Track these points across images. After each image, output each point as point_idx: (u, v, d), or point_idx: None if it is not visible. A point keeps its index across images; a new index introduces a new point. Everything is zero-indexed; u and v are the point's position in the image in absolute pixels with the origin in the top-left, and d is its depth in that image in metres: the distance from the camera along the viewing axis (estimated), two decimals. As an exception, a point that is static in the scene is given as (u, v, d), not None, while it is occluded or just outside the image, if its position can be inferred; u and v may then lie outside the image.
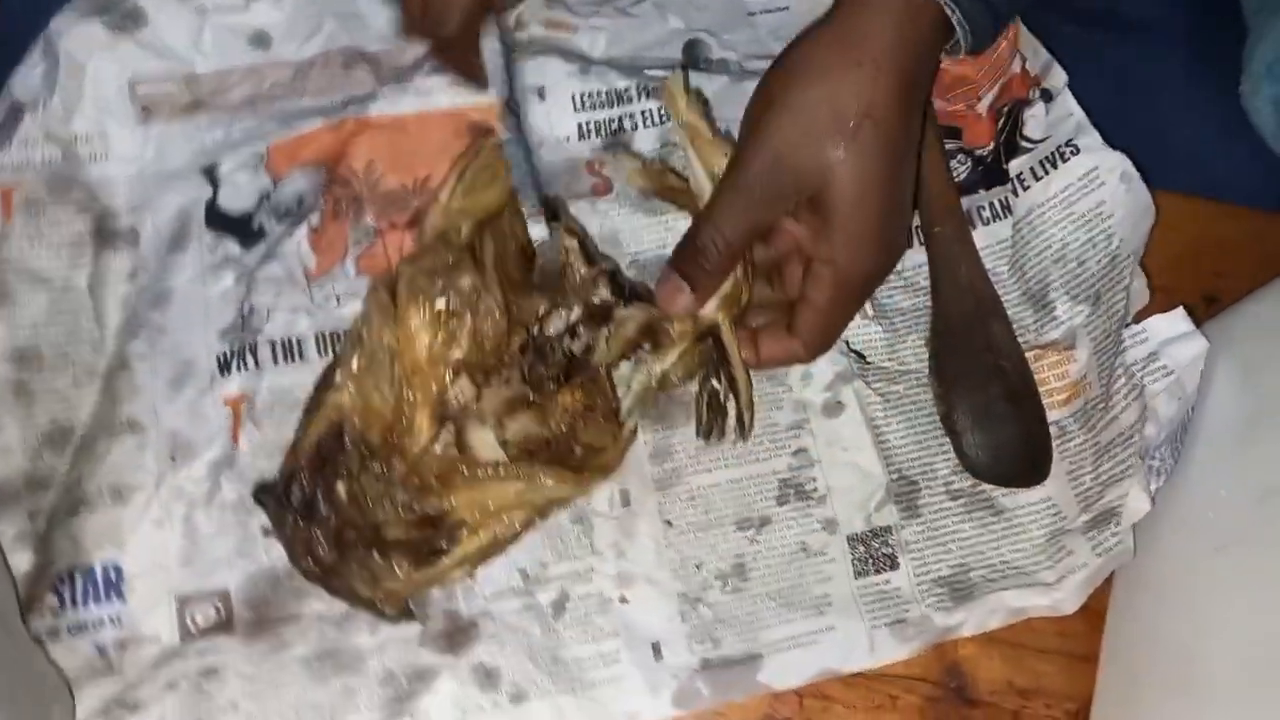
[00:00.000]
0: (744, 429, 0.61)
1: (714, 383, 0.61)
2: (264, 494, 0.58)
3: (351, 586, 0.57)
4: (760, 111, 0.56)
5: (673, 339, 0.60)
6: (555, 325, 0.59)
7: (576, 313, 0.59)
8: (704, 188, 0.60)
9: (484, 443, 0.57)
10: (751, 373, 0.62)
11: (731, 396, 0.61)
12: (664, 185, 0.65)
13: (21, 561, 0.58)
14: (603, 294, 0.59)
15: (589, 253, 0.61)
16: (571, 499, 0.60)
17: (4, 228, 0.63)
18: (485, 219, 0.61)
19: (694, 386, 0.62)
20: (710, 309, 0.59)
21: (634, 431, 0.62)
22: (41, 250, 0.63)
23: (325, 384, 0.58)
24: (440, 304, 0.57)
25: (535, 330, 0.59)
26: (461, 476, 0.57)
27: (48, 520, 0.59)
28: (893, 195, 0.56)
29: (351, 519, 0.56)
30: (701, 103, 0.66)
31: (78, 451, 0.60)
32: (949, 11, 0.55)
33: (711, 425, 0.62)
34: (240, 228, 0.65)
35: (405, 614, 0.58)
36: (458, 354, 0.57)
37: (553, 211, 0.64)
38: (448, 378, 0.57)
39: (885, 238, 0.57)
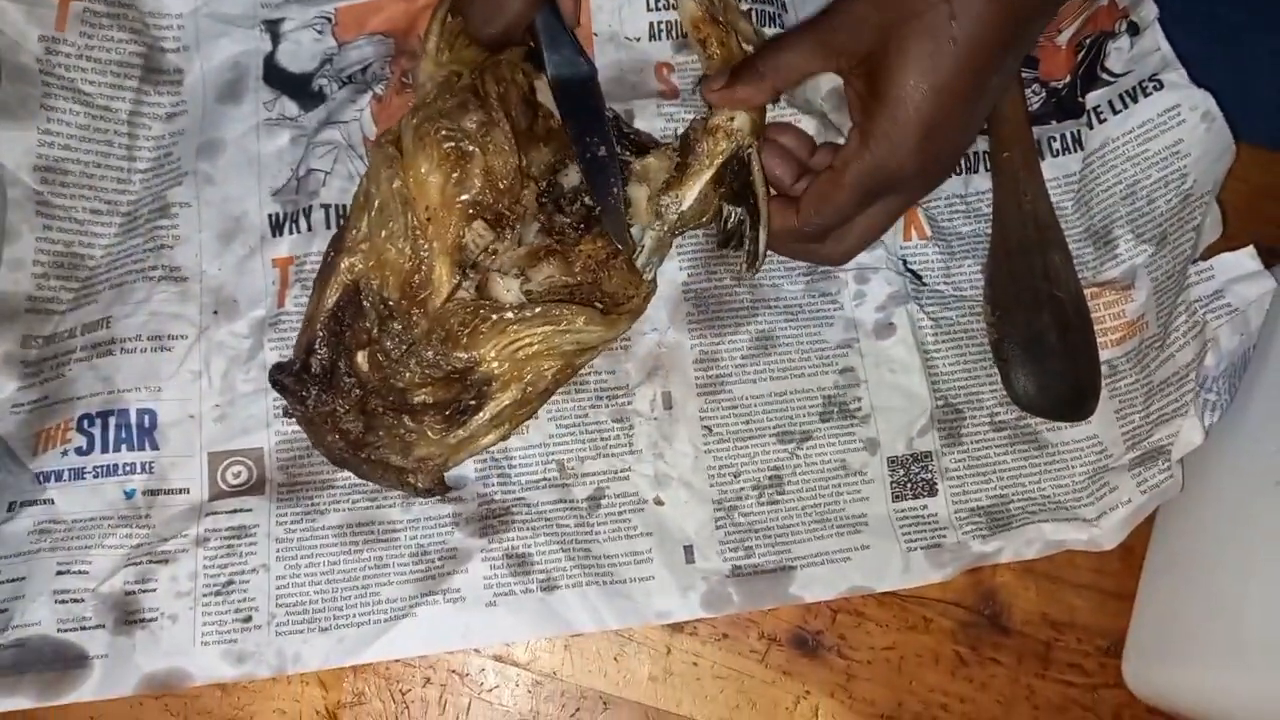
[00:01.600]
0: (756, 258, 0.59)
1: (735, 210, 0.59)
2: (279, 373, 0.56)
3: (383, 459, 0.55)
4: None
5: (702, 160, 0.58)
6: (574, 175, 0.58)
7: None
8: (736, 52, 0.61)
9: (508, 290, 0.56)
10: (802, 285, 0.61)
11: (750, 221, 0.59)
12: (710, 18, 0.62)
13: (7, 385, 0.57)
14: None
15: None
16: (600, 345, 0.58)
17: (56, 35, 0.61)
18: (484, 62, 0.58)
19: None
20: (744, 122, 0.58)
21: (654, 281, 0.60)
22: (88, 67, 0.61)
23: (336, 249, 0.56)
24: (449, 145, 0.54)
25: (550, 181, 0.57)
26: (488, 323, 0.54)
27: (55, 355, 0.58)
28: (954, 117, 0.53)
29: (376, 386, 0.55)
30: None
31: (86, 285, 0.59)
32: None
33: (729, 240, 0.60)
34: (299, 88, 0.63)
35: (439, 486, 0.57)
36: (472, 193, 0.55)
37: (541, 62, 0.60)
38: (462, 221, 0.55)
39: (927, 150, 0.54)
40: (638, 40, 0.66)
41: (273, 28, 0.64)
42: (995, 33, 0.52)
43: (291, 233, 0.60)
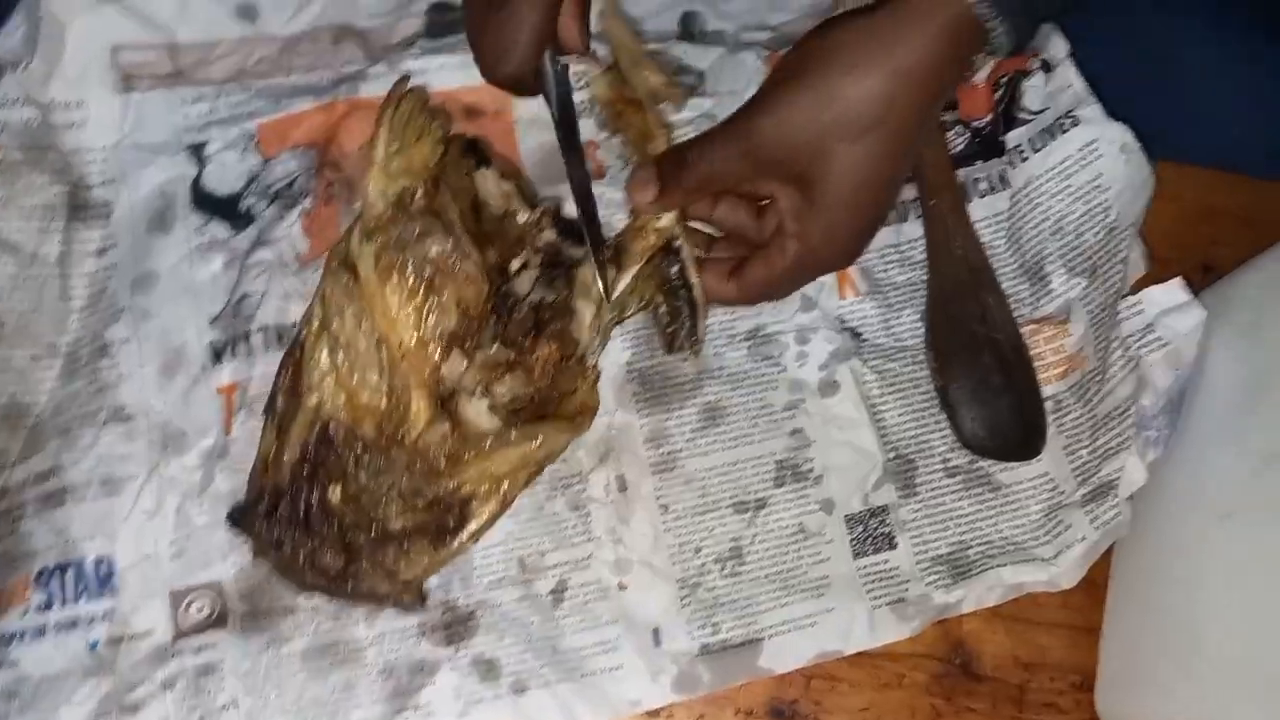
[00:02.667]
0: (697, 340, 0.61)
1: (671, 300, 0.60)
2: (243, 516, 0.55)
3: (368, 587, 0.56)
4: (784, 77, 0.55)
5: (634, 255, 0.59)
6: (525, 282, 0.58)
7: (535, 264, 0.59)
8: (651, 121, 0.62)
9: (480, 414, 0.56)
10: (744, 351, 0.62)
11: (688, 309, 0.60)
12: (623, 98, 0.64)
13: None
14: (548, 235, 0.59)
15: (527, 195, 0.61)
16: (566, 446, 0.59)
17: None
18: (437, 176, 0.57)
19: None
20: (671, 220, 0.59)
21: (597, 368, 0.60)
22: (12, 215, 0.61)
23: (294, 385, 0.55)
24: (418, 280, 0.54)
25: (502, 288, 0.57)
26: (469, 452, 0.55)
27: (9, 510, 0.58)
28: (881, 198, 0.56)
29: (355, 520, 0.55)
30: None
31: (32, 434, 0.59)
32: (993, 29, 0.52)
33: (672, 338, 0.61)
34: (227, 210, 0.63)
35: (422, 598, 0.57)
36: (446, 327, 0.55)
37: (481, 156, 0.61)
38: (438, 355, 0.55)
39: (861, 236, 0.57)
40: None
41: (197, 151, 0.64)
42: (924, 111, 0.54)
43: (232, 358, 0.60)
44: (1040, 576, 0.62)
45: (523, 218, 0.60)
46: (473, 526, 0.56)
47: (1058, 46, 0.66)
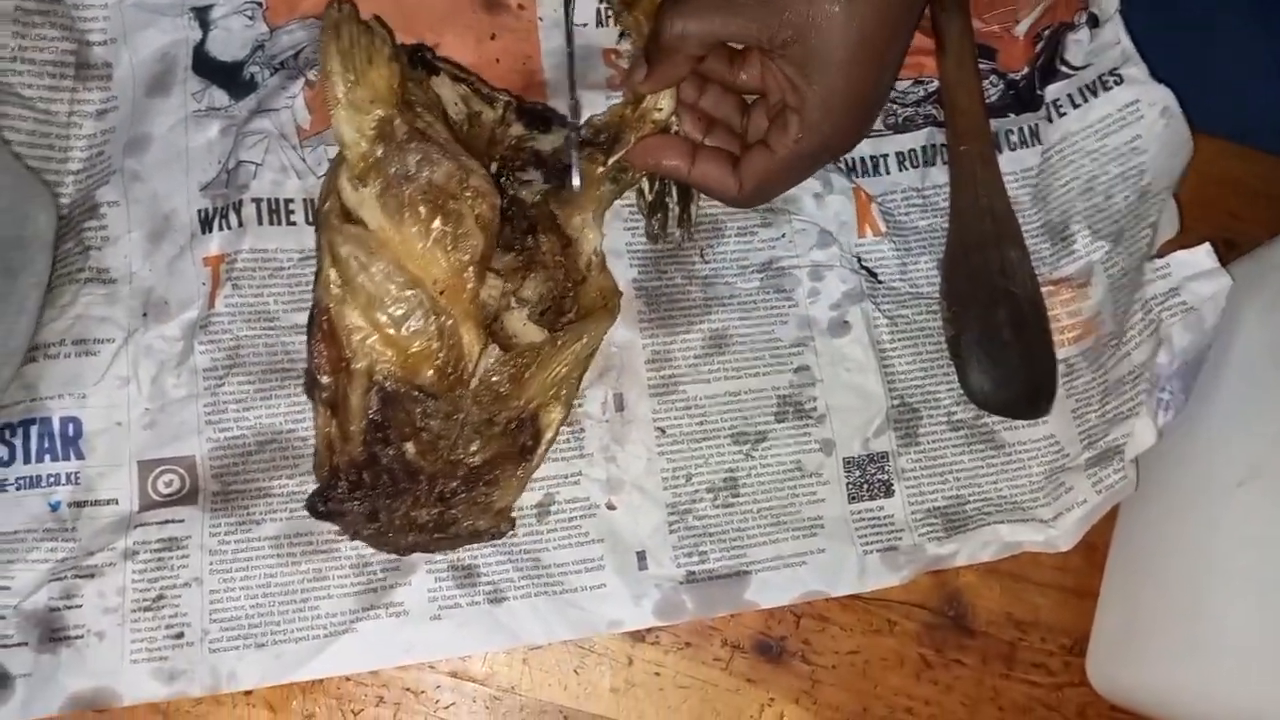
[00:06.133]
0: (687, 221, 0.61)
1: (658, 182, 0.61)
2: (326, 503, 0.52)
3: (469, 527, 0.54)
4: None
5: (627, 144, 0.58)
6: (530, 189, 0.58)
7: (513, 161, 0.58)
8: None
9: (523, 326, 0.55)
10: (756, 282, 0.61)
11: (675, 194, 0.60)
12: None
13: None
14: (516, 130, 0.59)
15: (483, 92, 0.59)
16: (604, 334, 0.58)
17: None
18: (405, 99, 0.54)
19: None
20: (665, 104, 0.58)
21: (600, 253, 0.59)
22: (25, 70, 0.58)
23: (334, 362, 0.52)
24: (435, 211, 0.51)
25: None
26: (531, 368, 0.53)
27: None
28: (881, 66, 0.54)
29: (439, 469, 0.53)
30: None
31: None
32: None
33: (656, 225, 0.61)
34: (229, 77, 0.60)
35: (512, 522, 0.56)
36: (475, 251, 0.52)
37: (428, 64, 0.58)
38: (474, 280, 0.52)
39: (861, 109, 0.56)
40: (584, 26, 0.64)
41: (202, 15, 0.60)
42: None
43: (221, 229, 0.57)
44: (1037, 537, 0.60)
45: (487, 116, 0.58)
46: (549, 436, 0.55)
47: (1108, 1, 0.65)
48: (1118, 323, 0.61)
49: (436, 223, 0.51)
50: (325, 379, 0.52)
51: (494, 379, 0.53)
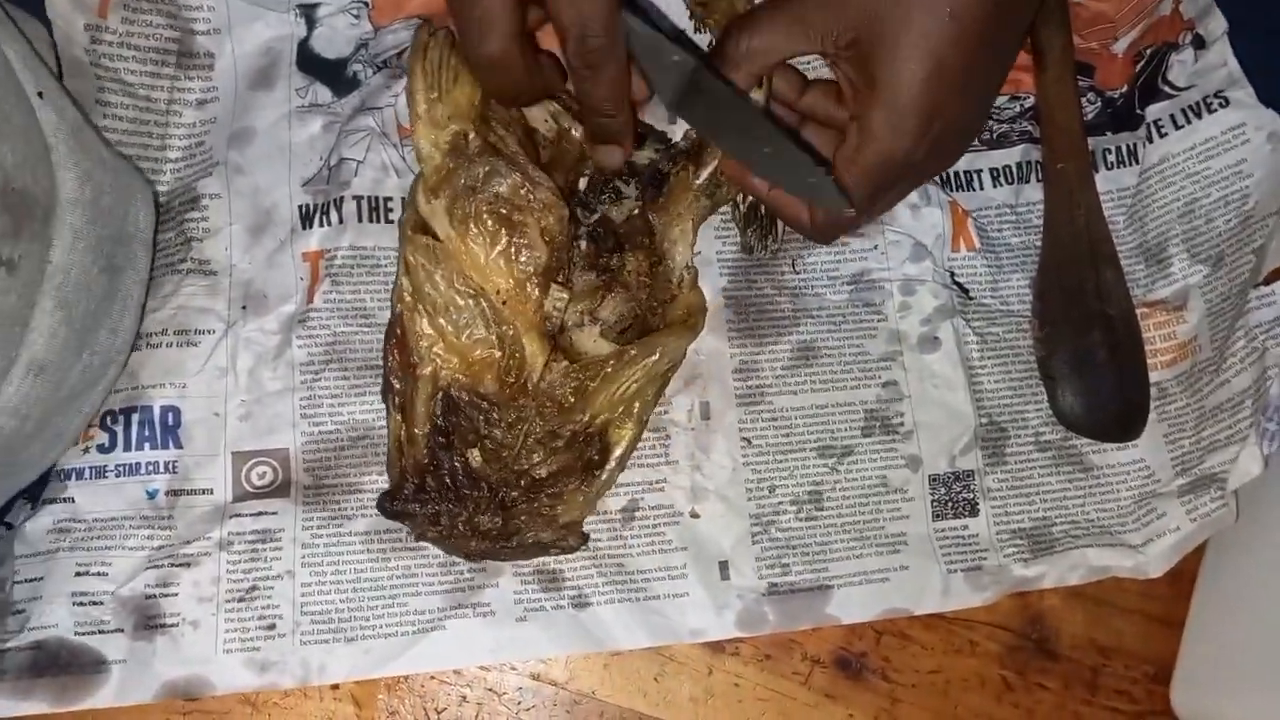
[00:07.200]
0: (777, 233, 0.61)
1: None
2: (395, 504, 0.53)
3: (533, 538, 0.54)
4: None
5: (714, 152, 0.57)
6: (597, 199, 0.57)
7: (600, 178, 0.57)
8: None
9: (593, 341, 0.55)
10: (846, 295, 0.60)
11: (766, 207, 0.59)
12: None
13: None
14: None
15: (574, 109, 0.58)
16: (683, 352, 0.58)
17: (99, 23, 0.58)
18: (484, 113, 0.55)
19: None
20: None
21: (693, 268, 0.58)
22: (129, 56, 0.59)
23: (405, 366, 0.53)
24: (499, 221, 0.52)
25: (577, 211, 0.56)
26: (596, 380, 0.54)
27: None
28: (960, 88, 0.50)
29: (502, 478, 0.53)
30: None
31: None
32: None
33: (752, 238, 0.61)
34: (333, 74, 0.61)
35: (585, 538, 0.56)
36: (539, 262, 0.53)
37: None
38: (537, 292, 0.53)
39: (937, 125, 0.50)
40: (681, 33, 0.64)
41: (307, 12, 0.61)
42: (992, 4, 0.49)
43: (322, 225, 0.58)
44: (1126, 562, 0.59)
45: (576, 133, 0.58)
46: (618, 453, 0.55)
47: (1215, 23, 0.63)
48: (1216, 349, 0.60)
49: (501, 234, 0.52)
50: (397, 383, 0.53)
51: (558, 391, 0.53)
